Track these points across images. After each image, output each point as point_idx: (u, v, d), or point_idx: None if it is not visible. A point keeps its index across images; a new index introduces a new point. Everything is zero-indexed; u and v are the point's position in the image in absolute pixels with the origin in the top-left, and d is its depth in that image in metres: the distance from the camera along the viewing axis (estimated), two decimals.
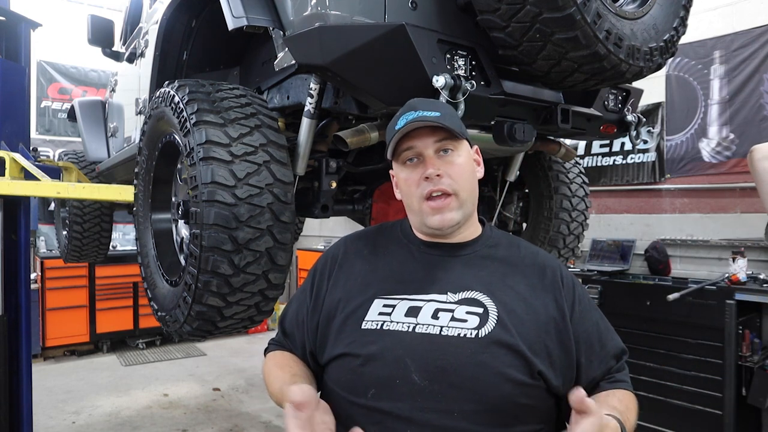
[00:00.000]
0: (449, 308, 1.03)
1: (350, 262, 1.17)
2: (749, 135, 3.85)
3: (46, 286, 6.09)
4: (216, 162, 1.57)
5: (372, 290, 1.09)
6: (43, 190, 2.89)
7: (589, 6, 1.40)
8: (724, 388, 3.24)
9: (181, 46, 2.30)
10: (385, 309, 1.06)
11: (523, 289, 1.08)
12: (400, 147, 1.12)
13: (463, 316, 1.02)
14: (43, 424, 4.23)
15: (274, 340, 1.27)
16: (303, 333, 1.17)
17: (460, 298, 1.05)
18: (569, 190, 2.74)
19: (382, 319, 1.04)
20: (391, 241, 1.20)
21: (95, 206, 3.94)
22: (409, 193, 1.12)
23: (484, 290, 1.06)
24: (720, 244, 3.95)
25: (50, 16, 6.18)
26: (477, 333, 1.00)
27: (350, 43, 1.46)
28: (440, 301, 1.05)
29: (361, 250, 1.19)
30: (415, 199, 1.11)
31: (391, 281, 1.10)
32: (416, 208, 1.12)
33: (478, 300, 1.04)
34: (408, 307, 1.05)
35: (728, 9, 3.99)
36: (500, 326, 1.01)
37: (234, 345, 6.63)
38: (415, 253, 1.15)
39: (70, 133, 7.10)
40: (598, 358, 1.09)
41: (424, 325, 1.02)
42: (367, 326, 1.04)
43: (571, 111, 1.89)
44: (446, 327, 1.01)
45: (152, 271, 2.06)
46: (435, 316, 1.03)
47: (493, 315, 1.02)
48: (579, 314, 1.09)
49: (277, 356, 1.20)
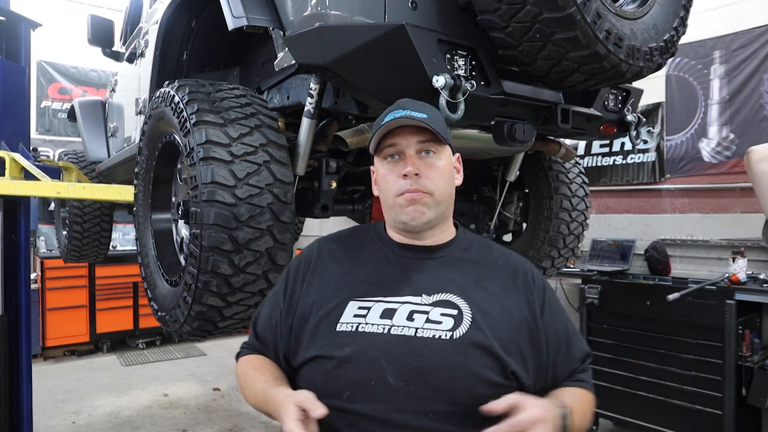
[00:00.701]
0: (424, 310, 1.04)
1: (324, 264, 1.16)
2: (749, 135, 3.85)
3: (46, 286, 6.09)
4: (216, 162, 1.57)
5: (346, 292, 1.09)
6: (43, 190, 2.89)
7: (589, 6, 1.40)
8: (724, 388, 3.24)
9: (181, 46, 2.30)
10: (360, 311, 1.05)
11: (497, 290, 1.10)
12: (383, 143, 1.13)
13: (438, 317, 1.03)
14: (43, 424, 4.23)
15: (247, 343, 1.24)
16: (276, 336, 1.15)
17: (435, 300, 1.06)
18: (569, 190, 2.74)
19: (357, 321, 1.04)
20: (365, 243, 1.19)
21: (95, 206, 3.94)
22: (386, 189, 1.13)
23: (458, 292, 1.07)
24: (720, 244, 3.95)
25: (50, 16, 6.17)
26: (452, 334, 1.01)
27: (350, 43, 1.46)
28: (415, 303, 1.05)
29: (335, 252, 1.18)
30: (391, 195, 1.11)
31: (365, 283, 1.10)
32: (391, 203, 1.12)
33: (452, 302, 1.05)
34: (383, 309, 1.04)
35: (728, 9, 3.99)
36: (474, 327, 1.02)
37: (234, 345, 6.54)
38: (389, 255, 1.14)
39: (70, 133, 7.10)
40: (564, 359, 1.12)
41: (400, 326, 1.02)
42: (341, 328, 1.04)
43: (571, 111, 1.89)
44: (421, 329, 1.01)
45: (152, 271, 2.06)
46: (410, 317, 1.03)
47: (467, 316, 1.03)
48: (549, 315, 1.12)
49: (252, 360, 1.18)
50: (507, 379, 1.01)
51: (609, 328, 3.84)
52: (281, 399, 0.97)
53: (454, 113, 1.44)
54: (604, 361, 3.81)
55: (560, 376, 1.11)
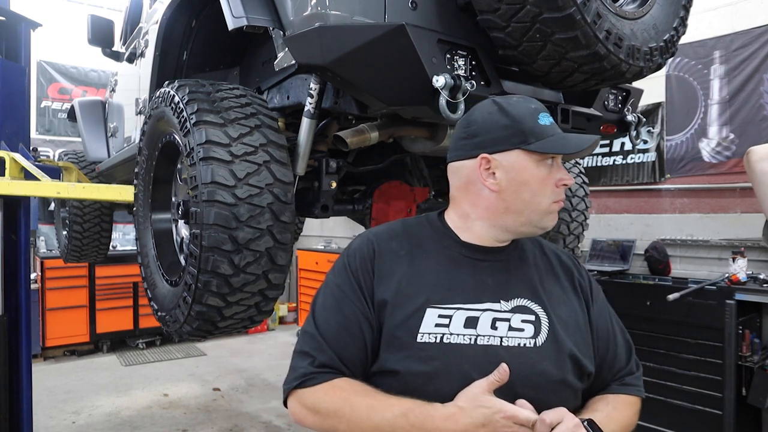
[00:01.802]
0: (505, 317, 1.01)
1: (387, 263, 1.05)
2: (749, 135, 3.84)
3: (46, 286, 6.09)
4: (216, 162, 1.57)
5: (422, 297, 1.00)
6: (43, 190, 2.89)
7: (589, 6, 1.40)
8: (724, 388, 3.23)
9: (181, 46, 2.30)
10: (441, 320, 0.99)
11: (559, 292, 1.09)
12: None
13: (519, 325, 1.01)
14: (43, 424, 4.23)
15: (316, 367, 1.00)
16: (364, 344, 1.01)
17: (513, 306, 1.03)
18: (569, 190, 2.74)
19: (440, 330, 0.97)
20: (426, 241, 1.10)
21: (95, 206, 3.94)
22: (542, 193, 1.04)
23: (531, 296, 1.05)
24: (720, 244, 3.94)
25: (50, 16, 6.17)
26: (535, 342, 1.00)
27: (350, 43, 1.46)
28: (495, 310, 1.01)
29: (397, 252, 1.07)
30: (547, 199, 1.04)
31: (440, 288, 1.02)
32: (544, 208, 1.05)
33: (528, 308, 1.03)
34: (466, 318, 0.99)
35: (728, 9, 3.99)
36: (553, 333, 1.02)
37: (234, 345, 6.62)
38: (455, 256, 1.07)
39: (70, 133, 7.10)
40: (617, 357, 1.12)
41: (485, 336, 0.98)
42: (423, 339, 0.97)
43: (571, 111, 1.89)
44: (506, 337, 0.99)
45: (152, 271, 2.06)
46: (493, 326, 0.99)
47: (544, 322, 1.02)
48: (597, 310, 1.12)
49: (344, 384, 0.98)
50: (584, 382, 1.03)
51: None
52: (463, 407, 0.89)
53: (454, 113, 1.44)
54: None
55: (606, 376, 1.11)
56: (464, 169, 1.07)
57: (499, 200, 1.04)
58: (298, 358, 1.03)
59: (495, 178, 1.04)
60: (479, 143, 1.05)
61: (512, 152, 1.03)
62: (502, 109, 1.05)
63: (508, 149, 1.03)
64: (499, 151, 1.03)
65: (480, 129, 1.05)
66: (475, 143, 1.05)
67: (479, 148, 1.04)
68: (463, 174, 1.08)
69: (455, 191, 1.11)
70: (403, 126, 1.89)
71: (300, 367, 1.01)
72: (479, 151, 1.04)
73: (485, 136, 1.04)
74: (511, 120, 1.04)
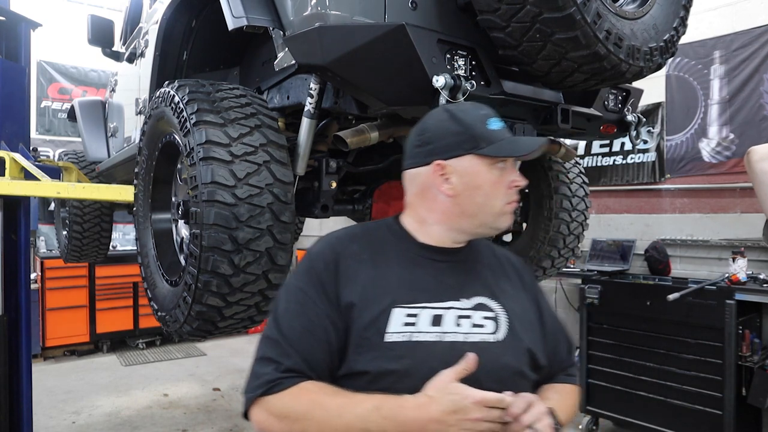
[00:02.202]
0: (467, 314, 1.05)
1: (350, 266, 1.07)
2: (749, 135, 3.84)
3: (46, 286, 6.09)
4: (216, 162, 1.57)
5: (388, 298, 1.02)
6: (43, 190, 2.89)
7: (589, 6, 1.40)
8: (724, 388, 3.24)
9: (181, 46, 2.30)
10: (408, 319, 1.01)
11: (511, 290, 1.15)
12: None
13: (481, 321, 1.05)
14: (43, 424, 4.23)
15: (282, 372, 0.97)
16: (329, 348, 1.00)
17: (474, 304, 1.07)
18: (569, 190, 2.74)
19: (408, 330, 0.99)
20: (386, 243, 1.13)
21: (95, 206, 3.94)
22: (495, 195, 1.09)
23: (489, 294, 1.10)
24: (720, 244, 3.95)
25: (50, 16, 6.17)
26: (495, 337, 1.05)
27: (350, 43, 1.46)
28: (458, 308, 1.05)
29: (360, 254, 1.09)
30: (500, 202, 1.10)
31: (404, 289, 1.05)
32: (498, 210, 1.10)
33: (487, 305, 1.08)
34: (432, 316, 1.02)
35: (728, 9, 3.99)
36: (511, 329, 1.07)
37: (234, 345, 6.62)
38: (414, 257, 1.11)
39: (70, 133, 7.10)
40: (562, 350, 1.20)
41: (450, 333, 1.02)
42: (392, 338, 0.98)
43: (571, 111, 1.89)
44: (469, 333, 1.03)
45: (152, 271, 2.06)
46: (457, 323, 1.03)
47: (503, 318, 1.07)
48: (544, 309, 1.19)
49: (312, 387, 0.97)
50: (537, 373, 1.09)
51: (609, 328, 3.84)
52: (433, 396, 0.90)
53: None
54: (604, 361, 3.81)
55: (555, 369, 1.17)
56: (420, 175, 1.11)
57: (455, 204, 1.08)
58: (261, 364, 1.00)
59: (450, 183, 1.07)
60: (433, 150, 1.08)
61: (465, 157, 1.07)
62: (453, 116, 1.09)
63: (461, 155, 1.07)
64: (453, 156, 1.07)
65: (433, 136, 1.09)
66: (429, 150, 1.09)
67: (433, 154, 1.08)
68: (419, 180, 1.12)
69: (411, 197, 1.15)
70: (403, 126, 1.90)
71: (264, 373, 0.98)
72: (433, 157, 1.08)
73: (438, 143, 1.08)
74: (462, 126, 1.08)
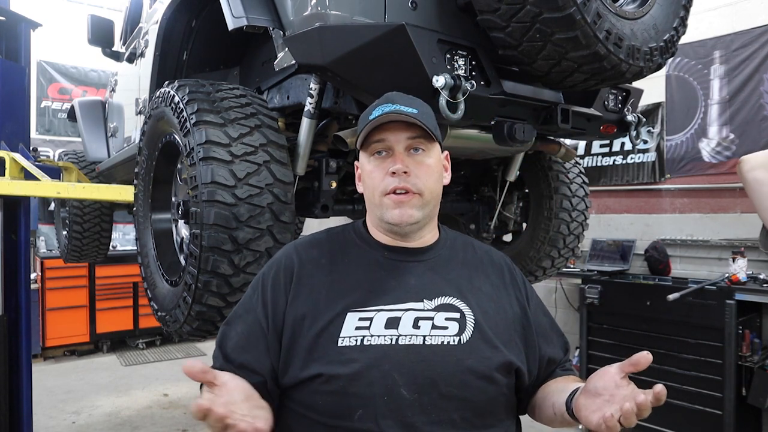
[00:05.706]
0: (428, 316, 1.01)
1: (309, 273, 1.06)
2: (749, 135, 3.85)
3: (46, 286, 6.09)
4: (216, 162, 1.57)
5: (342, 303, 1.01)
6: (43, 190, 2.89)
7: (589, 6, 1.40)
8: (724, 388, 3.24)
9: (181, 46, 2.30)
10: (361, 322, 0.99)
11: (489, 289, 1.10)
12: (371, 138, 1.07)
13: (443, 323, 1.01)
14: (43, 424, 4.23)
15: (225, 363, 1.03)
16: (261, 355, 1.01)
17: (437, 304, 1.03)
18: (569, 190, 2.74)
19: (360, 333, 0.98)
20: (349, 247, 1.11)
21: (95, 206, 3.94)
22: (372, 186, 1.07)
23: (457, 294, 1.05)
24: (720, 244, 3.95)
25: (50, 16, 6.17)
26: (459, 339, 1.00)
27: (350, 43, 1.46)
28: (418, 309, 1.01)
29: (318, 260, 1.08)
30: (377, 193, 1.06)
31: (361, 292, 1.03)
32: (377, 201, 1.06)
33: (453, 305, 1.03)
34: (387, 318, 0.99)
35: (728, 9, 3.99)
36: (479, 329, 1.02)
37: None
38: (378, 259, 1.08)
39: (70, 133, 7.10)
40: (553, 348, 1.16)
41: (407, 336, 0.98)
42: (344, 343, 0.97)
43: (571, 111, 1.89)
44: (429, 336, 0.99)
45: (152, 271, 2.06)
46: (415, 325, 0.99)
47: (470, 319, 1.02)
48: (533, 309, 1.15)
49: None
50: (511, 377, 1.03)
51: (609, 328, 3.84)
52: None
53: (454, 113, 1.44)
54: (604, 362, 3.78)
55: (551, 368, 1.15)
56: None
57: (366, 199, 1.12)
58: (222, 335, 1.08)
59: (360, 179, 1.13)
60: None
61: (360, 154, 1.12)
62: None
63: (360, 151, 1.12)
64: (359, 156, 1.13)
65: None
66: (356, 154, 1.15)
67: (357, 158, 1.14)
68: None
69: None
70: None
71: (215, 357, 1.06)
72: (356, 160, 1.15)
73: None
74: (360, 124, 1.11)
